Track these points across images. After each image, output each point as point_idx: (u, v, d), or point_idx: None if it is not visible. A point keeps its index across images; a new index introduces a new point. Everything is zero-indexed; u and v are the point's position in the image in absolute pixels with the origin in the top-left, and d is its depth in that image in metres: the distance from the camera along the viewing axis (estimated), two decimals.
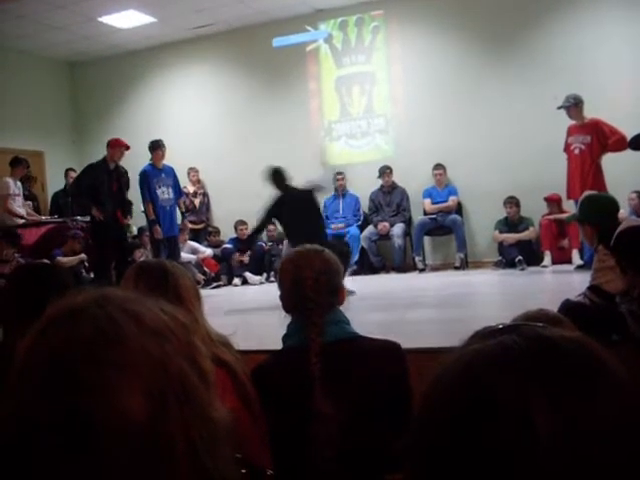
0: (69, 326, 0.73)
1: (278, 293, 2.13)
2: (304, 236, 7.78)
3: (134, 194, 8.75)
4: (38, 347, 0.73)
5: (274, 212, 7.46)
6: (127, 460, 0.69)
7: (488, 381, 0.60)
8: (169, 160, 11.13)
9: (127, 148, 8.16)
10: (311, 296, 1.98)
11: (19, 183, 9.82)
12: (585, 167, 7.36)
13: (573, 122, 7.56)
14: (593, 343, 0.64)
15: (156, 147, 8.43)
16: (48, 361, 0.71)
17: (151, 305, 0.80)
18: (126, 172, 8.32)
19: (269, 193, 10.21)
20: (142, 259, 9.27)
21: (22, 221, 9.64)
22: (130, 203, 8.71)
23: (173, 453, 0.71)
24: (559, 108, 7.57)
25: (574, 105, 7.50)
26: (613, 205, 3.69)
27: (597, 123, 7.39)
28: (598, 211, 3.61)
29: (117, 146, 8.09)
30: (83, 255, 8.76)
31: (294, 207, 7.29)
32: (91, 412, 0.68)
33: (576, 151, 7.48)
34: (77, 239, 9.03)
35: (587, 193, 3.98)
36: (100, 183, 7.86)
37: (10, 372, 0.74)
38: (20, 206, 9.80)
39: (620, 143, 7.14)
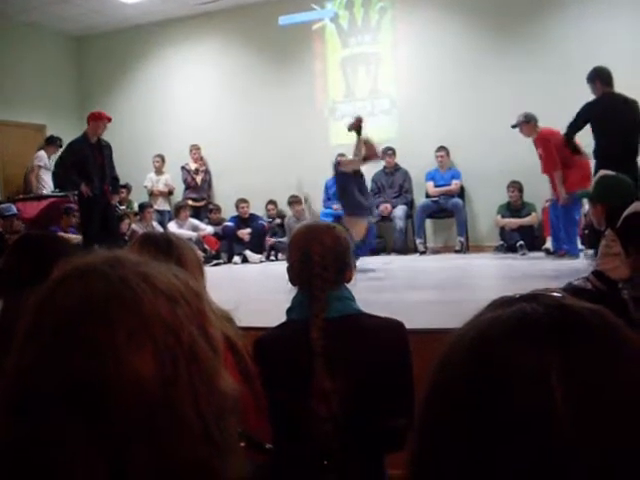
0: (81, 286, 0.71)
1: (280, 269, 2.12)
2: None
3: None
4: (47, 306, 0.71)
5: None
6: (138, 428, 0.67)
7: (506, 347, 0.60)
8: (171, 136, 11.15)
9: (109, 120, 7.99)
10: (317, 271, 1.97)
11: (51, 161, 9.97)
12: (552, 176, 7.47)
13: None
14: (612, 314, 0.63)
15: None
16: (58, 320, 0.69)
17: (164, 269, 0.77)
18: (109, 145, 8.07)
19: (272, 172, 10.25)
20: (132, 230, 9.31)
21: (45, 192, 9.92)
22: (117, 180, 8.37)
23: (184, 421, 0.69)
24: (513, 127, 7.72)
25: (525, 122, 7.64)
26: (627, 188, 3.63)
27: (541, 138, 7.50)
28: (611, 192, 3.56)
29: (100, 119, 7.90)
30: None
31: None
32: (101, 375, 0.66)
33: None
34: (71, 213, 9.01)
35: (603, 172, 3.92)
36: (85, 158, 7.73)
37: (16, 333, 0.71)
38: (50, 179, 10.06)
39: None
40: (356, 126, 7.33)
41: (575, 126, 6.80)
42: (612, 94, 6.73)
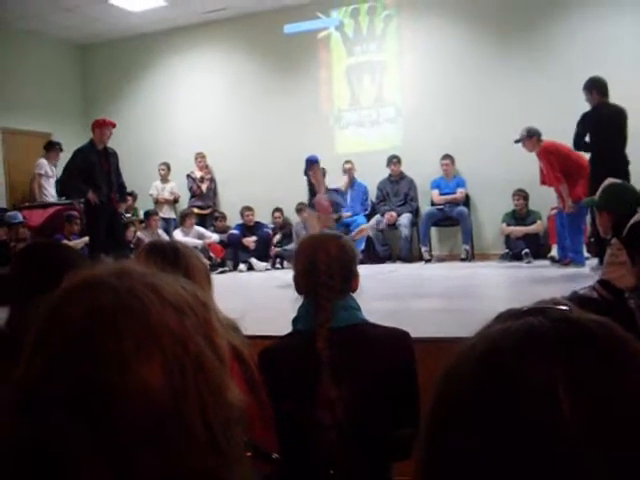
0: (89, 297, 0.71)
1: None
2: None
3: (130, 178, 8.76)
4: (55, 318, 0.71)
5: None
6: (145, 438, 0.67)
7: (514, 359, 0.60)
8: (177, 144, 11.18)
9: (113, 126, 8.00)
10: (323, 280, 1.97)
11: (54, 168, 9.93)
12: (557, 188, 7.53)
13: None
14: (619, 327, 0.63)
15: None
16: (66, 332, 0.69)
17: (171, 280, 0.77)
18: (115, 153, 8.06)
19: (277, 180, 10.26)
20: (137, 238, 9.31)
21: (52, 200, 9.87)
22: (124, 187, 8.35)
23: (191, 431, 0.69)
24: (516, 142, 7.73)
25: (527, 137, 7.64)
26: (633, 195, 3.63)
27: (544, 152, 7.52)
28: (617, 200, 3.56)
29: (104, 125, 7.89)
30: (87, 238, 8.74)
31: None
32: (109, 386, 0.66)
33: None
34: (73, 220, 9.02)
35: (609, 181, 3.92)
36: (91, 165, 7.71)
37: (24, 344, 0.71)
38: (52, 187, 10.00)
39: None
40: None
41: (580, 138, 6.88)
42: (607, 104, 6.86)
